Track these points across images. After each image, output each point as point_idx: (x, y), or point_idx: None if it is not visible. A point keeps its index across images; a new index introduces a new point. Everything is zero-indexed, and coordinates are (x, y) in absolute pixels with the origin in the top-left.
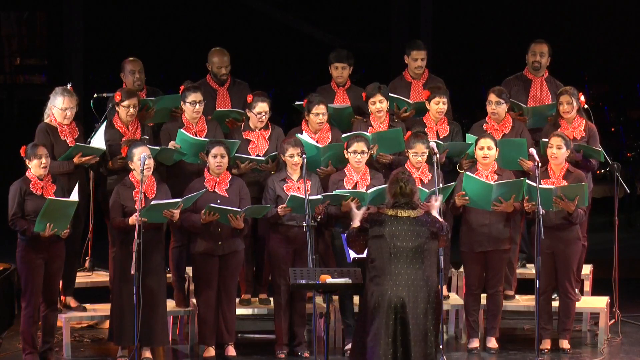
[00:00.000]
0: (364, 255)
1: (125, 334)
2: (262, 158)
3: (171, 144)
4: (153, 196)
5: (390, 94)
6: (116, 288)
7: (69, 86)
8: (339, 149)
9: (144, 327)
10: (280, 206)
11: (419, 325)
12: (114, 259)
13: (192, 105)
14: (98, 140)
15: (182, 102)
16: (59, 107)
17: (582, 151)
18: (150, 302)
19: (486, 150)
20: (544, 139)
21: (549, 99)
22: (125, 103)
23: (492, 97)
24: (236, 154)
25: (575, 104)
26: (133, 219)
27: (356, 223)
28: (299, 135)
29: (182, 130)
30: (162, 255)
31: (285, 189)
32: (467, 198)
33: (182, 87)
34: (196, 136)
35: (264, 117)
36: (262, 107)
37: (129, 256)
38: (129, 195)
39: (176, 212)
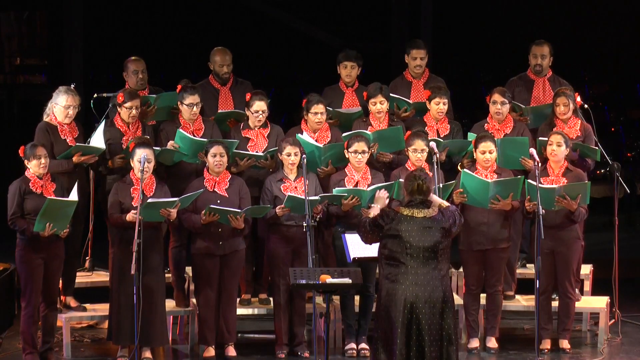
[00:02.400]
0: (366, 255)
1: (124, 333)
2: (261, 154)
3: (170, 144)
4: (151, 194)
5: (390, 94)
6: (114, 287)
7: (72, 86)
8: (340, 148)
9: (143, 327)
10: (278, 207)
11: (435, 325)
12: (112, 258)
13: (189, 107)
14: (97, 140)
15: (179, 102)
16: (62, 105)
17: (579, 150)
18: (148, 302)
19: (487, 154)
20: (540, 138)
21: (551, 99)
22: (128, 104)
23: (497, 97)
24: (235, 150)
25: (571, 105)
26: (130, 216)
27: (374, 213)
28: (299, 135)
29: (180, 130)
30: (161, 254)
31: (282, 189)
32: (465, 196)
33: (179, 87)
34: (194, 135)
35: (261, 116)
36: (260, 105)
37: (127, 255)
38: (127, 192)
39: (173, 212)
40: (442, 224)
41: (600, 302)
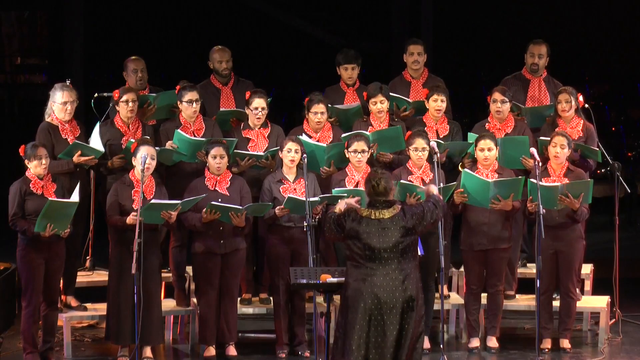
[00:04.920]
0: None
1: (122, 332)
2: (262, 153)
3: (168, 144)
4: (151, 197)
5: (390, 93)
6: (112, 287)
7: (67, 82)
8: (341, 148)
9: (139, 325)
10: (278, 207)
11: (395, 326)
12: (111, 258)
13: (189, 104)
14: (95, 142)
15: (178, 102)
16: (59, 102)
17: (580, 151)
18: (145, 302)
19: (486, 151)
20: (541, 137)
21: (547, 99)
22: (124, 98)
23: (497, 96)
24: (235, 150)
25: (573, 103)
26: (131, 219)
27: (340, 207)
28: (300, 137)
29: (178, 130)
30: (158, 255)
31: (281, 190)
32: (466, 195)
33: (177, 87)
34: (194, 135)
35: (260, 114)
36: (259, 102)
37: (125, 255)
38: (127, 193)
39: (174, 214)
40: (402, 223)
41: (600, 302)
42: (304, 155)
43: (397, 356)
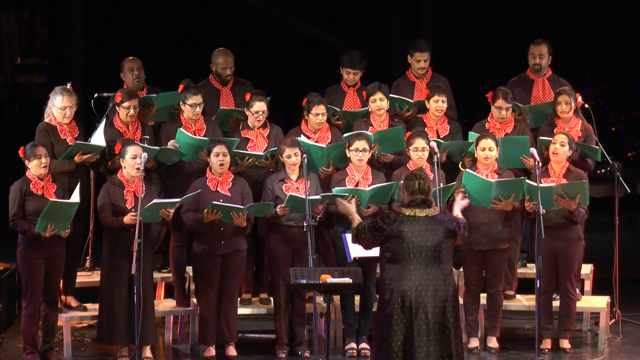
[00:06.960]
0: (367, 254)
1: (115, 333)
2: (261, 153)
3: (170, 143)
4: (142, 196)
5: (391, 95)
6: (105, 288)
7: (68, 85)
8: (342, 148)
9: (134, 326)
10: (279, 206)
11: (437, 324)
12: (103, 259)
13: (192, 108)
14: (98, 138)
15: (181, 102)
16: (58, 107)
17: (579, 150)
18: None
19: (487, 151)
20: (541, 137)
21: (551, 98)
22: (126, 104)
23: (501, 104)
24: (235, 150)
25: (573, 104)
26: (129, 218)
27: (356, 221)
28: (298, 138)
29: (181, 129)
30: (150, 255)
31: (284, 189)
32: (467, 195)
33: (181, 86)
34: (195, 135)
35: (261, 117)
36: (260, 106)
37: (118, 256)
38: (119, 194)
39: (171, 212)
40: (445, 224)
41: (600, 302)
42: (304, 155)
43: (444, 352)
